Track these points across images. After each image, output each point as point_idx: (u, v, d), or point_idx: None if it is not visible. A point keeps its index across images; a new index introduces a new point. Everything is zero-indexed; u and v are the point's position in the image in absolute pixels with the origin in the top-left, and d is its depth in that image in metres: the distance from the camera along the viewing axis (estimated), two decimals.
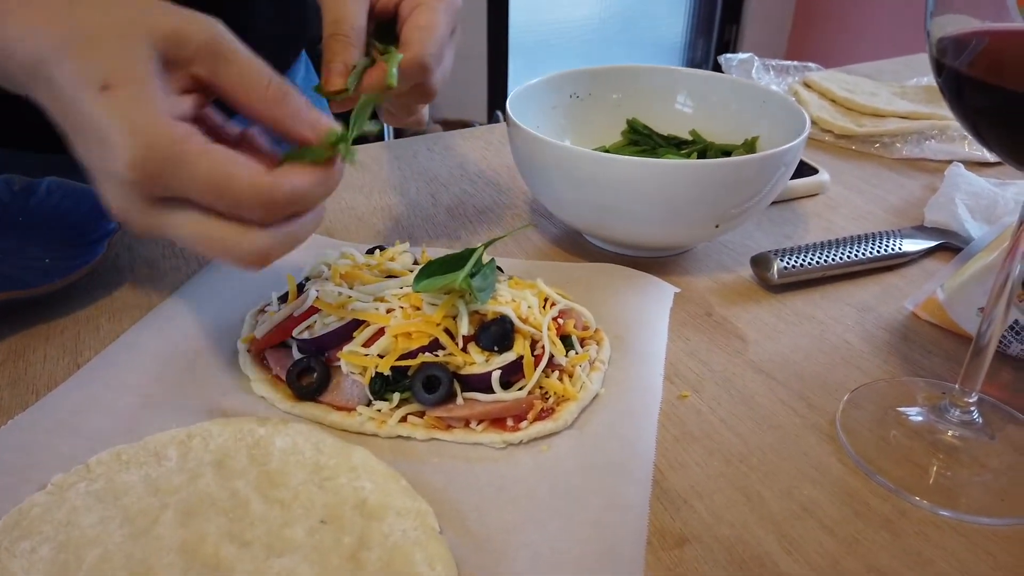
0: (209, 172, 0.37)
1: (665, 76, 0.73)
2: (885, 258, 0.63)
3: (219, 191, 0.37)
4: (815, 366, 0.53)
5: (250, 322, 0.53)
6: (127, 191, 0.37)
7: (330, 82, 0.47)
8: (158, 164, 0.36)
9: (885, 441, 0.46)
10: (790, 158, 0.58)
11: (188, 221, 0.38)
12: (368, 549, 0.38)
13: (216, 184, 0.37)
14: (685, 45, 3.63)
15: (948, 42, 0.38)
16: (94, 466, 0.41)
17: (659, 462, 0.45)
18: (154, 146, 0.36)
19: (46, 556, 0.37)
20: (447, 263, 0.49)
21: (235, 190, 0.37)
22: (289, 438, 0.44)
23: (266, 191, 0.38)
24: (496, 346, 0.47)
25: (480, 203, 0.74)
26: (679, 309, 0.58)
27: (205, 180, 0.37)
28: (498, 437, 0.45)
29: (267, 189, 0.38)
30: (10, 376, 0.49)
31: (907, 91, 0.97)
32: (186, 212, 0.38)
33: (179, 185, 0.37)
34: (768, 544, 0.40)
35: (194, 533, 0.38)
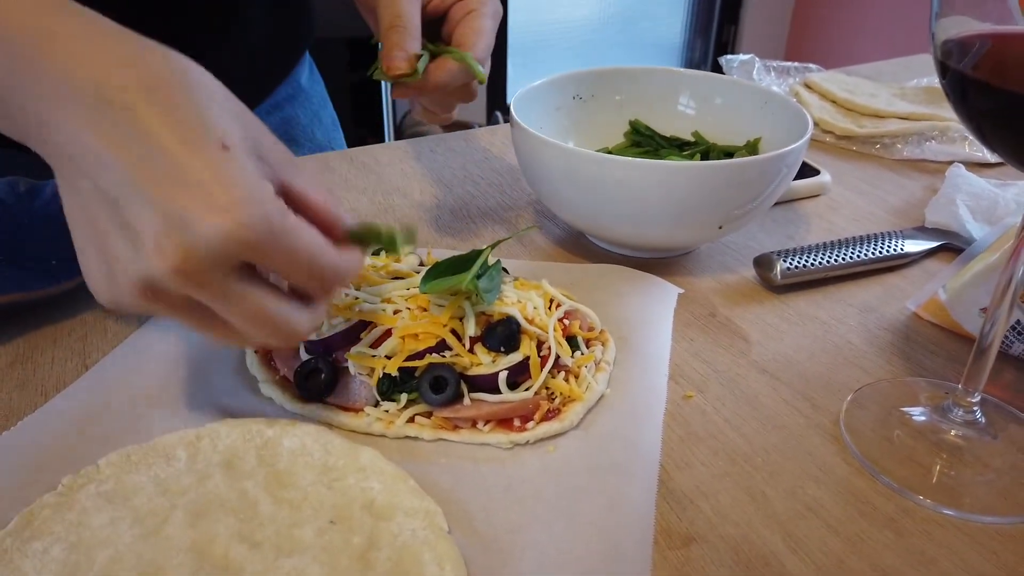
0: (309, 244, 0.37)
1: (668, 77, 0.73)
2: (887, 259, 0.63)
3: (312, 263, 0.37)
4: (818, 366, 0.53)
5: None
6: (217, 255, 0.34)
7: (394, 67, 0.52)
8: (268, 231, 0.35)
9: (889, 441, 0.46)
10: (793, 160, 0.58)
11: (256, 298, 0.37)
12: (377, 549, 0.38)
13: (312, 256, 0.37)
14: (684, 45, 3.64)
15: (952, 44, 0.38)
16: (104, 467, 0.42)
17: (665, 462, 0.45)
18: (269, 209, 0.35)
19: (57, 556, 0.37)
20: (453, 264, 0.49)
21: (321, 265, 0.38)
22: (297, 439, 0.44)
23: (341, 270, 0.39)
24: (502, 347, 0.47)
25: (484, 204, 0.74)
26: (683, 310, 0.58)
27: (305, 251, 0.37)
28: (505, 438, 0.45)
29: (341, 268, 0.39)
30: (19, 378, 0.49)
31: (907, 92, 0.97)
32: (256, 288, 0.37)
33: (275, 255, 0.36)
34: (773, 543, 0.40)
35: (204, 534, 0.38)
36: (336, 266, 0.39)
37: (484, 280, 0.48)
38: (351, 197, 0.74)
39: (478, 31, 0.56)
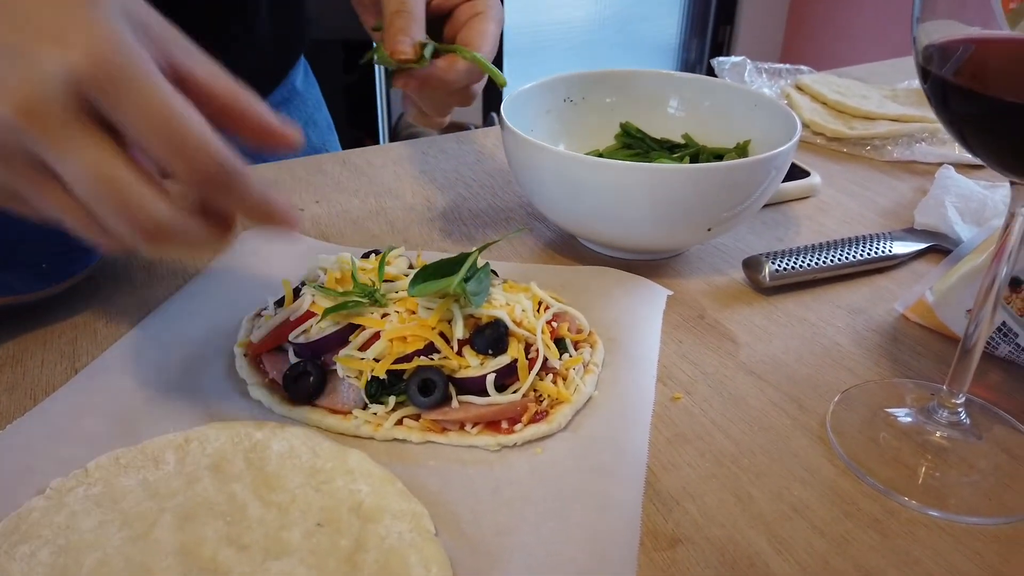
0: (165, 98, 0.33)
1: (658, 80, 0.74)
2: (875, 260, 0.64)
3: (167, 121, 0.33)
4: (806, 368, 0.53)
5: (246, 326, 0.53)
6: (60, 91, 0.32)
7: (399, 51, 0.52)
8: (121, 67, 0.32)
9: (874, 442, 0.47)
10: (782, 162, 0.58)
11: (102, 151, 0.33)
12: (364, 551, 0.38)
13: (168, 112, 0.33)
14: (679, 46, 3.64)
15: (934, 49, 0.38)
16: (92, 470, 0.42)
17: (652, 463, 0.45)
18: (121, 45, 0.33)
19: (45, 560, 0.37)
20: (442, 267, 0.49)
21: (183, 127, 0.33)
22: (286, 442, 0.44)
23: (212, 144, 0.34)
24: (491, 349, 0.47)
25: (475, 207, 0.74)
26: (672, 312, 0.59)
27: (160, 103, 0.33)
28: (493, 440, 0.45)
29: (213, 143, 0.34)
30: (8, 381, 0.49)
31: (898, 94, 0.98)
32: (104, 141, 0.33)
33: (128, 98, 0.33)
34: (759, 544, 0.40)
35: (192, 537, 0.38)
36: (208, 145, 0.34)
37: (472, 283, 0.48)
38: (343, 199, 0.74)
39: (483, 33, 0.56)
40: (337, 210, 0.72)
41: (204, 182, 0.35)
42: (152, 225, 0.34)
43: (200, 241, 0.36)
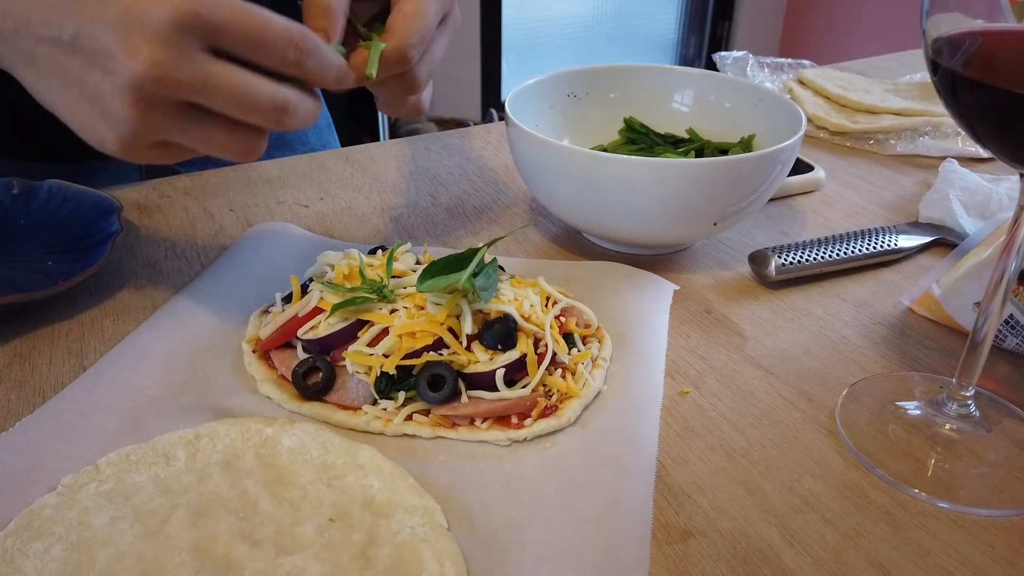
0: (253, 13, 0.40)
1: (662, 75, 0.74)
2: (881, 254, 0.64)
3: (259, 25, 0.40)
4: (813, 361, 0.53)
5: (254, 323, 0.53)
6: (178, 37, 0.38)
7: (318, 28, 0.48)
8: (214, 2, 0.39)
9: (884, 435, 0.47)
10: (787, 156, 0.58)
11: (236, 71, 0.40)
12: (377, 546, 0.38)
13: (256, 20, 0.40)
14: (678, 42, 3.64)
15: (943, 42, 0.38)
16: (103, 467, 0.42)
17: (662, 458, 0.45)
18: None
19: (58, 556, 0.37)
20: (450, 263, 0.49)
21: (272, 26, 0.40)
22: (296, 437, 0.44)
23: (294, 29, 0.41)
24: (500, 344, 0.47)
25: (479, 202, 0.74)
26: (678, 306, 0.59)
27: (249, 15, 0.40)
28: (503, 435, 0.45)
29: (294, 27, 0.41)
30: (16, 379, 0.49)
31: (900, 88, 0.98)
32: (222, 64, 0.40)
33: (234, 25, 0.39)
34: (771, 537, 0.40)
35: (205, 533, 0.38)
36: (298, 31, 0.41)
37: (481, 278, 0.48)
38: (347, 196, 0.74)
39: (409, 14, 0.48)
40: (341, 207, 0.72)
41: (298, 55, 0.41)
42: (280, 101, 0.41)
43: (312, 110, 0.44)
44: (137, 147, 0.41)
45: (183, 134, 0.41)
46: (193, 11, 0.38)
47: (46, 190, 0.65)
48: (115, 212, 0.61)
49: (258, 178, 0.76)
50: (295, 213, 0.70)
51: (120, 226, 0.60)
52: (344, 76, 0.45)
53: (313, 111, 0.44)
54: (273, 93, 0.41)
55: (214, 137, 0.42)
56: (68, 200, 0.64)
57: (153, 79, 0.38)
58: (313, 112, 0.44)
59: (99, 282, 0.58)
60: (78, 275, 0.55)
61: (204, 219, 0.69)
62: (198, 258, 0.63)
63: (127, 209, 0.63)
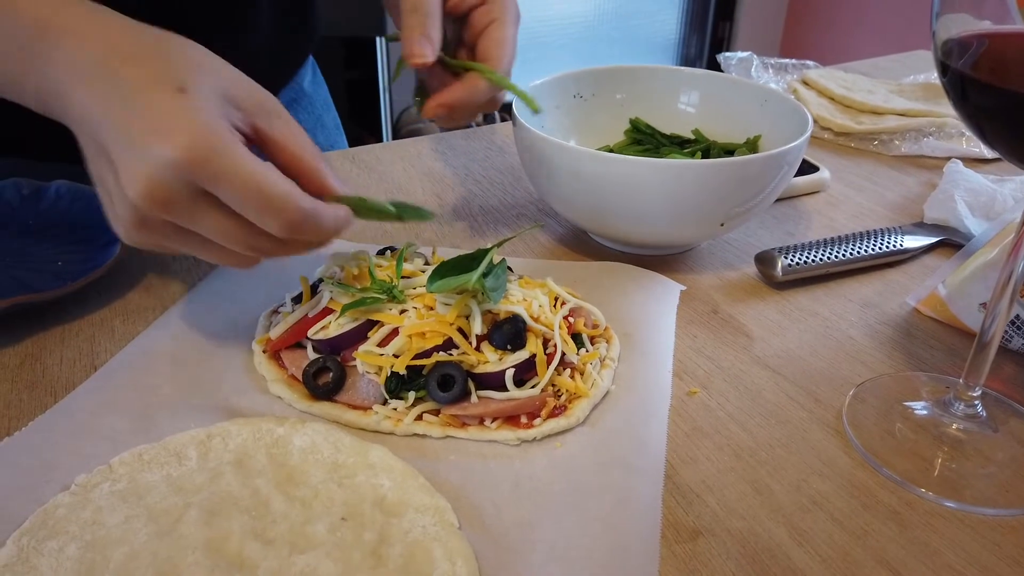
0: (253, 173, 0.41)
1: (668, 76, 0.74)
2: (887, 254, 0.64)
3: (256, 191, 0.41)
4: (820, 361, 0.54)
5: (264, 323, 0.53)
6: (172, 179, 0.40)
7: (416, 53, 0.53)
8: (211, 151, 0.40)
9: (891, 435, 0.47)
10: (794, 157, 0.59)
11: (221, 218, 0.42)
12: (389, 545, 0.39)
13: (255, 184, 0.41)
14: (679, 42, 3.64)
15: (953, 43, 0.39)
16: (116, 466, 0.42)
17: (670, 457, 0.45)
18: (212, 138, 0.40)
19: (73, 555, 0.37)
20: (459, 264, 0.49)
21: (269, 193, 0.41)
22: (307, 437, 0.44)
23: (293, 200, 0.42)
24: (509, 345, 0.47)
25: (486, 203, 0.74)
26: (685, 307, 0.59)
27: (248, 177, 0.40)
28: (512, 434, 0.46)
29: (293, 200, 0.42)
30: (28, 379, 0.50)
31: (904, 88, 0.98)
32: (219, 208, 0.42)
33: (223, 179, 0.40)
34: (779, 536, 0.41)
35: (218, 532, 0.39)
36: (291, 203, 0.41)
37: (490, 279, 0.49)
38: None
39: (501, 42, 0.56)
40: None
41: (290, 229, 0.42)
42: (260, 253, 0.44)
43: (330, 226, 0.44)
44: (139, 243, 0.44)
45: (181, 246, 0.44)
46: (196, 158, 0.39)
47: (54, 191, 0.65)
48: None
49: None
50: None
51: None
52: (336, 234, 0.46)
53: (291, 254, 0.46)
54: (247, 245, 0.43)
55: (206, 252, 0.44)
56: (77, 200, 0.65)
57: (146, 207, 0.41)
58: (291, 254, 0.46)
59: (109, 282, 0.58)
60: (88, 275, 0.55)
61: None
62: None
63: None
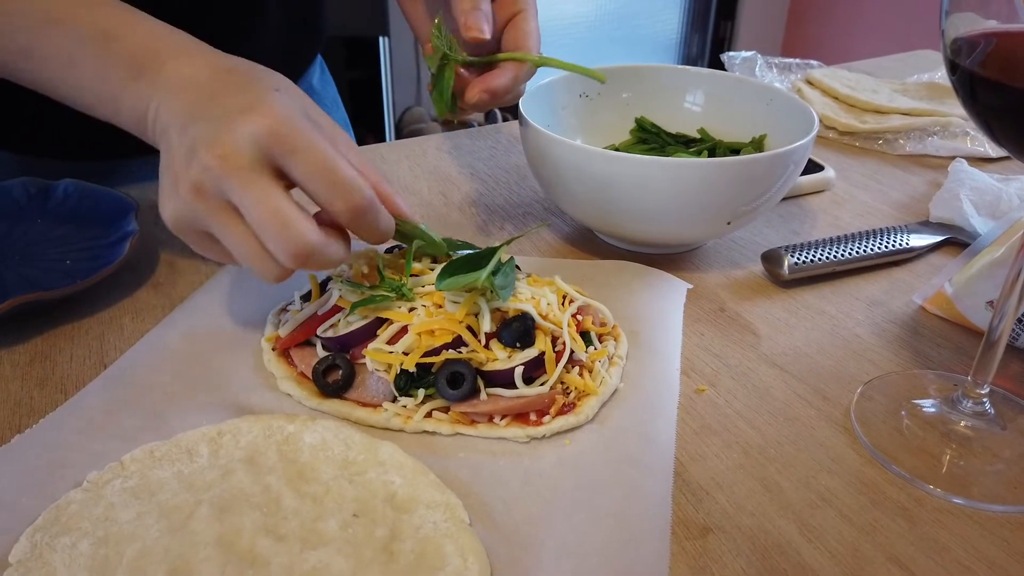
0: (326, 152, 0.44)
1: (674, 75, 0.74)
2: (892, 253, 0.64)
3: (327, 169, 0.44)
4: (827, 359, 0.54)
5: (272, 321, 0.54)
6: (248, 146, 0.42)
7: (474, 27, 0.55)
8: (294, 129, 0.43)
9: (899, 432, 0.47)
10: (800, 156, 0.59)
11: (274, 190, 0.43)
12: (400, 541, 0.39)
13: (327, 162, 0.44)
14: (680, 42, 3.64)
15: (962, 42, 0.39)
16: (128, 463, 0.42)
17: (679, 454, 0.46)
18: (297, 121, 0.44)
19: (86, 551, 0.37)
20: (468, 262, 0.49)
21: (339, 173, 0.44)
22: (318, 434, 0.45)
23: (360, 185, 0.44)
24: (518, 342, 0.48)
25: (491, 202, 0.74)
26: (692, 305, 0.59)
27: (322, 156, 0.44)
28: (521, 432, 0.46)
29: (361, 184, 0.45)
30: (38, 376, 0.50)
31: (908, 88, 0.98)
32: (276, 184, 0.43)
33: (297, 153, 0.43)
34: (789, 533, 0.41)
35: (229, 528, 0.39)
36: (360, 187, 0.44)
37: (499, 277, 0.49)
38: None
39: (529, 33, 0.57)
40: None
41: (354, 214, 0.45)
42: (303, 245, 0.43)
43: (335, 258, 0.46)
44: (185, 227, 0.46)
45: (221, 229, 0.45)
46: (278, 132, 0.43)
47: (62, 189, 0.66)
48: (132, 211, 0.62)
49: None
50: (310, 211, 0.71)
51: (138, 225, 0.60)
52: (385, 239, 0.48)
53: (336, 260, 0.46)
54: (299, 235, 0.43)
55: (243, 246, 0.44)
56: (85, 199, 0.65)
57: (213, 168, 0.42)
58: (336, 262, 0.46)
59: (117, 281, 0.59)
60: (97, 274, 0.55)
61: None
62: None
63: (142, 208, 0.63)
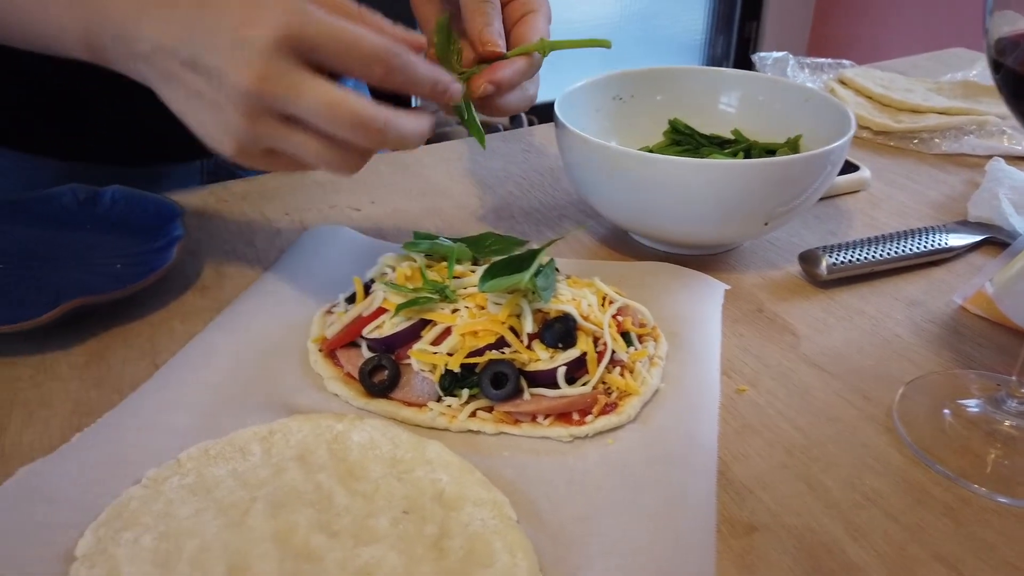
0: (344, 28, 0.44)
1: (708, 77, 0.74)
2: (931, 253, 0.64)
3: (352, 42, 0.44)
4: (868, 359, 0.54)
5: (318, 323, 0.55)
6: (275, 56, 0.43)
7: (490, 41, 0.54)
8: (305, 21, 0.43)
9: (942, 431, 0.47)
10: (837, 156, 0.59)
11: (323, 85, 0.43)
12: (450, 538, 0.39)
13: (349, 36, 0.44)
14: (705, 43, 3.63)
15: (1007, 42, 0.39)
16: (184, 461, 0.44)
17: (722, 454, 0.46)
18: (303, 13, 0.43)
19: (148, 545, 0.39)
20: (510, 264, 0.50)
21: (362, 41, 0.44)
22: (366, 433, 0.45)
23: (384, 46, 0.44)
24: (560, 343, 0.48)
25: (526, 204, 0.75)
26: (730, 305, 0.59)
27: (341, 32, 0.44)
28: (565, 431, 0.46)
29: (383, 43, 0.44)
30: (95, 377, 0.51)
31: (943, 87, 0.98)
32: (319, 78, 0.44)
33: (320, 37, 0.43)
34: (835, 532, 0.41)
35: (284, 524, 0.40)
36: (387, 48, 0.44)
37: (540, 278, 0.49)
38: (397, 199, 0.76)
39: (539, 31, 0.57)
40: (392, 209, 0.74)
41: (389, 72, 0.45)
42: (369, 117, 0.44)
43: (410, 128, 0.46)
44: (250, 151, 0.46)
45: (285, 142, 0.45)
46: (289, 31, 0.43)
47: (110, 196, 0.67)
48: (179, 217, 0.63)
49: (311, 182, 0.78)
50: (348, 216, 0.72)
51: (184, 230, 0.62)
52: (443, 90, 0.48)
53: (414, 133, 0.47)
54: (357, 110, 0.44)
55: (311, 148, 0.45)
56: (132, 205, 0.66)
57: (257, 91, 0.43)
58: (414, 134, 0.47)
59: (166, 284, 0.60)
60: (147, 278, 0.57)
61: (262, 223, 0.70)
62: (258, 260, 0.64)
63: (188, 213, 0.65)
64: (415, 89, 0.47)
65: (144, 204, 0.66)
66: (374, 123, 0.44)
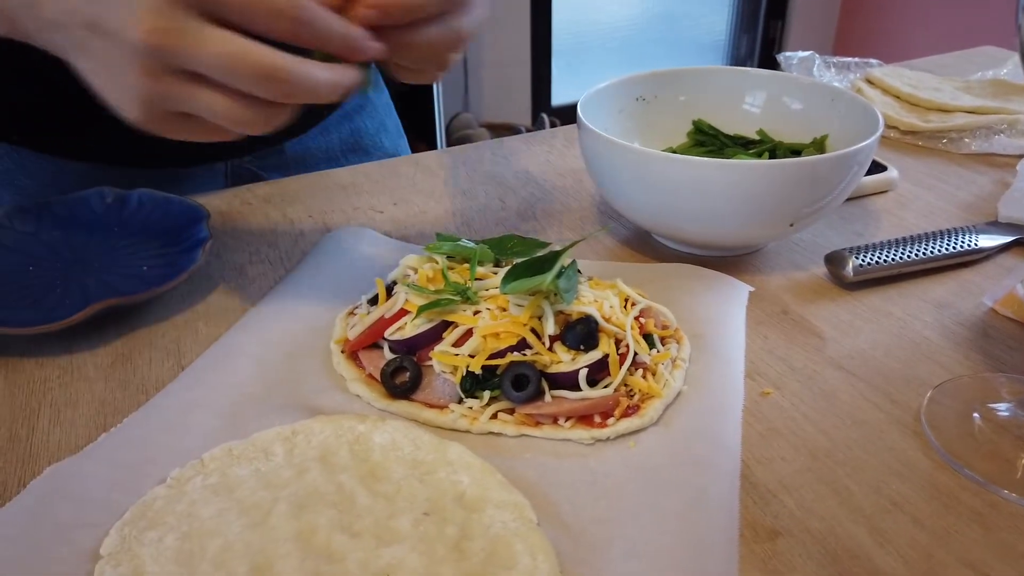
0: None
1: (733, 77, 0.74)
2: (960, 254, 0.63)
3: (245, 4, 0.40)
4: (895, 362, 0.53)
5: (340, 324, 0.55)
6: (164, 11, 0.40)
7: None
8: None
9: (971, 436, 0.46)
10: (865, 156, 0.58)
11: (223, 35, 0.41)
12: (471, 540, 0.39)
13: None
14: (728, 43, 3.61)
15: None
16: (208, 461, 0.44)
17: (745, 457, 0.45)
18: None
19: (172, 545, 0.39)
20: (532, 266, 0.50)
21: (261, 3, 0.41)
22: (387, 434, 0.46)
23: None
24: (582, 345, 0.48)
25: (548, 206, 0.75)
26: (754, 307, 0.59)
27: None
28: (586, 433, 0.46)
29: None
30: (120, 378, 0.52)
31: (972, 86, 0.96)
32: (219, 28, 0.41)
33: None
34: (860, 537, 0.40)
35: (307, 524, 0.40)
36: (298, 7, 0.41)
37: (563, 280, 0.49)
38: (419, 200, 0.76)
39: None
40: (414, 211, 0.74)
41: (293, 24, 0.41)
42: (273, 67, 0.41)
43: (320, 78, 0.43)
44: (157, 115, 0.43)
45: (192, 101, 0.42)
46: None
47: (136, 199, 0.68)
48: (204, 219, 0.64)
49: (333, 184, 0.79)
50: (371, 218, 0.72)
51: (209, 232, 0.62)
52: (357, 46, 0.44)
53: (326, 83, 0.43)
54: (261, 60, 0.41)
55: (218, 106, 0.42)
56: (158, 208, 0.67)
57: (155, 46, 0.40)
58: (326, 85, 0.43)
59: (191, 286, 0.61)
60: (173, 280, 0.57)
61: (284, 225, 0.71)
62: (281, 262, 0.65)
63: (211, 215, 0.65)
64: (326, 45, 0.43)
65: (170, 207, 0.67)
66: (279, 73, 0.41)
